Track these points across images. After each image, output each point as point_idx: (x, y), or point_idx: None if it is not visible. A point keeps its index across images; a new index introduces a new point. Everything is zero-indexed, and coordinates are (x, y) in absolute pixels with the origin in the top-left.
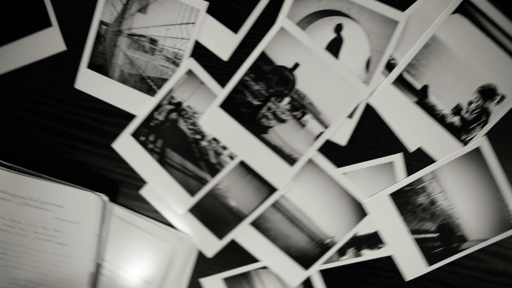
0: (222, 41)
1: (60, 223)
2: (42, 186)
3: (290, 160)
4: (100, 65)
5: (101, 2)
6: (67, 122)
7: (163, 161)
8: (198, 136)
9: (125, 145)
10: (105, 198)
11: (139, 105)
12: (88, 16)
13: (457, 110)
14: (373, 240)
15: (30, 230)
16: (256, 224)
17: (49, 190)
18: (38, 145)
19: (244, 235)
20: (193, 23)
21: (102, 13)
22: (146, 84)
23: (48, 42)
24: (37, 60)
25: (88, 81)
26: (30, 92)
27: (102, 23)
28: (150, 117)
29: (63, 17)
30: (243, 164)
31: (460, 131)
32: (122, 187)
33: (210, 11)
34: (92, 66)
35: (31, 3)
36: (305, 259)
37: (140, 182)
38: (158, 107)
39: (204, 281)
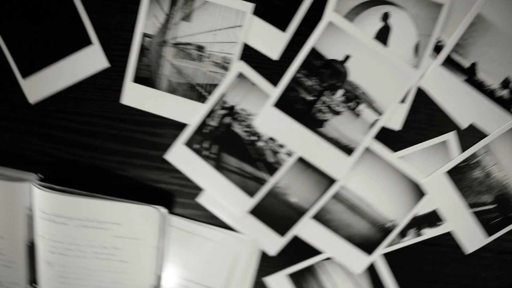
0: (271, 41)
1: (119, 241)
2: (98, 206)
3: (347, 150)
4: (146, 78)
5: (143, 14)
6: (116, 138)
7: (219, 166)
8: (254, 138)
9: (179, 155)
10: (164, 210)
11: (190, 113)
12: (129, 30)
13: (505, 84)
14: (433, 218)
15: (89, 251)
16: (317, 217)
17: (105, 209)
18: (87, 165)
19: (306, 229)
20: (239, 25)
21: (144, 25)
22: (196, 92)
23: (90, 61)
24: (80, 79)
25: (135, 95)
26: (75, 113)
27: (145, 35)
28: (203, 124)
29: (103, 33)
30: (301, 160)
31: (510, 104)
32: (178, 197)
33: (256, 12)
34: (138, 79)
35: (69, 22)
36: (368, 245)
37: (196, 190)
38: (210, 113)
39: (268, 279)
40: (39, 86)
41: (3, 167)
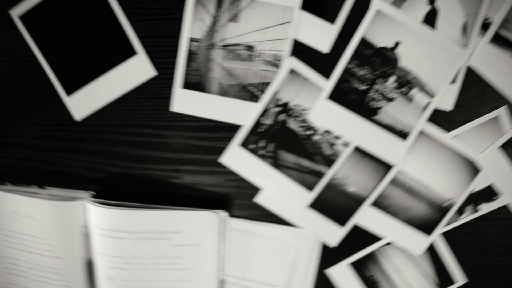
0: (321, 34)
1: (180, 249)
2: (158, 217)
3: (402, 135)
4: (196, 83)
5: (188, 19)
6: (169, 147)
7: (277, 164)
8: (309, 132)
9: (235, 157)
10: (223, 214)
11: (243, 114)
12: (174, 36)
13: None
14: (488, 194)
15: (150, 262)
16: (376, 203)
17: (165, 219)
18: (140, 177)
19: (366, 216)
20: (288, 22)
21: (190, 30)
22: (249, 92)
23: (136, 71)
24: (127, 91)
25: (185, 101)
26: (124, 125)
27: (192, 40)
28: (257, 123)
29: (148, 42)
30: (357, 149)
31: None
32: (235, 200)
33: (303, 6)
34: (187, 85)
35: (111, 34)
36: (426, 226)
37: (253, 190)
38: (264, 112)
39: (330, 271)
40: (85, 102)
41: (54, 187)
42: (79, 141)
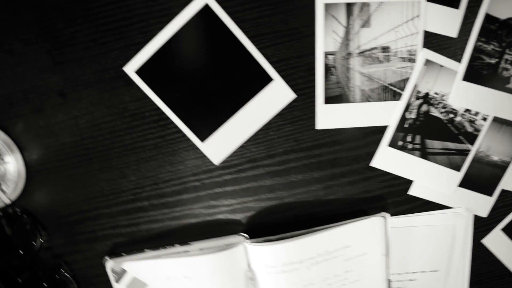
0: (448, 21)
1: (350, 262)
2: (325, 237)
3: None
4: (338, 95)
5: (321, 34)
6: (318, 166)
7: (425, 153)
8: (451, 115)
9: (385, 158)
10: (387, 215)
11: (388, 114)
12: (308, 54)
13: None
14: None
15: (323, 284)
16: None
17: (332, 237)
18: (291, 204)
19: (510, 180)
20: (417, 16)
21: (324, 44)
22: (390, 92)
23: (274, 98)
24: (267, 121)
25: (329, 116)
26: (268, 157)
27: (327, 54)
28: (403, 119)
29: (282, 66)
30: (496, 120)
31: None
32: (389, 199)
33: None
34: (329, 100)
35: (242, 67)
36: None
37: (405, 185)
38: (407, 107)
39: (485, 240)
40: (222, 143)
41: (199, 241)
42: (221, 185)
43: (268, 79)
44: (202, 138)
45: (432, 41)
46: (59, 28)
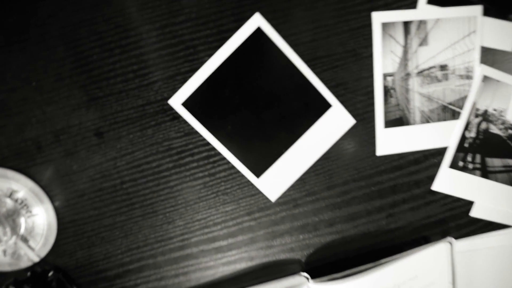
0: (503, 34)
1: None
2: (392, 270)
3: None
4: (398, 118)
5: (378, 55)
6: (380, 193)
7: (486, 172)
8: (510, 131)
9: (446, 180)
10: (452, 240)
11: (447, 135)
12: (366, 76)
13: None
14: None
15: None
16: None
17: (399, 269)
18: (351, 237)
19: None
20: (474, 31)
21: (382, 65)
22: (449, 111)
23: (333, 125)
24: (325, 150)
25: (390, 141)
26: (328, 188)
27: (385, 75)
28: (463, 139)
29: (340, 90)
30: None
31: None
32: (450, 222)
33: (484, 13)
34: (389, 123)
35: (300, 96)
36: None
37: (467, 206)
38: (467, 126)
39: None
40: (278, 177)
41: (264, 283)
42: (278, 223)
43: (326, 106)
44: (258, 173)
45: (487, 56)
46: (94, 60)
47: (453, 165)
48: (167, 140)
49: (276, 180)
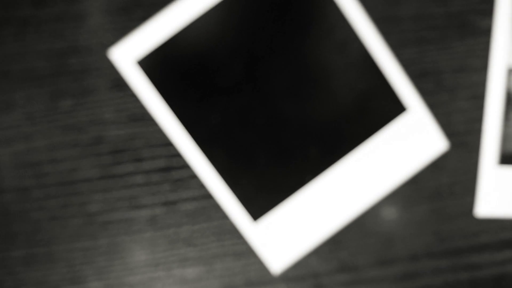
0: None
1: None
2: None
3: None
4: None
5: (503, 34)
6: (474, 286)
7: None
8: None
9: None
10: None
11: None
12: (475, 68)
13: None
14: None
15: None
16: None
17: None
18: None
19: None
20: None
21: (509, 53)
22: None
23: (409, 142)
24: (391, 188)
25: (505, 192)
26: (385, 262)
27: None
28: None
29: (426, 84)
30: None
31: None
32: None
33: None
34: (508, 158)
35: (360, 83)
36: None
37: None
38: None
39: None
40: (289, 229)
41: None
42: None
43: (398, 108)
44: (255, 214)
45: None
46: None
47: None
48: (94, 125)
49: (287, 232)
